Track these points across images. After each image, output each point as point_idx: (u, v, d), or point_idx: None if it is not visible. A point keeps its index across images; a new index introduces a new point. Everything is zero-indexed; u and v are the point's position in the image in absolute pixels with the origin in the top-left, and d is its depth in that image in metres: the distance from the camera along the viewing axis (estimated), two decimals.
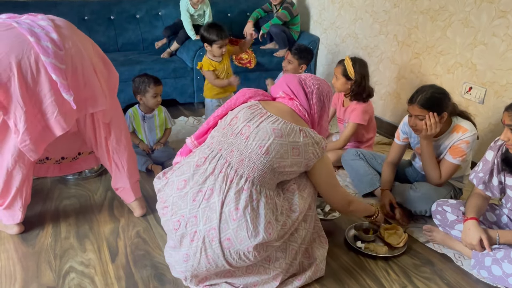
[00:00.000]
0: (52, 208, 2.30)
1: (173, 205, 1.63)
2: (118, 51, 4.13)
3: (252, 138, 1.57)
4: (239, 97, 1.75)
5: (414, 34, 3.21)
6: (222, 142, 1.63)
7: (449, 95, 2.16)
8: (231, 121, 1.65)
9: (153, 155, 2.83)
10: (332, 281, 1.84)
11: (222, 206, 1.54)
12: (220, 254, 1.54)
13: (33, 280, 1.78)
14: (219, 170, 1.59)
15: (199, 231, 1.56)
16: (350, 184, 2.65)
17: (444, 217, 2.03)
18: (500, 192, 1.95)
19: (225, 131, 1.65)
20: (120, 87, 3.55)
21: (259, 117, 1.62)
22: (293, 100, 1.72)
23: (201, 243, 1.56)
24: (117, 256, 1.94)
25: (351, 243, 2.07)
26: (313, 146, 1.62)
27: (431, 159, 2.20)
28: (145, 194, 2.47)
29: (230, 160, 1.59)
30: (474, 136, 2.14)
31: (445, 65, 2.99)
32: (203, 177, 1.60)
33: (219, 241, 1.53)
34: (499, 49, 2.61)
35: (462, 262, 1.97)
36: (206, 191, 1.58)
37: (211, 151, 1.65)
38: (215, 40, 3.09)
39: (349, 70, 2.72)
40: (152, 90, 2.70)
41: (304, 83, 1.75)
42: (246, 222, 1.52)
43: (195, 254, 1.58)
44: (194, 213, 1.57)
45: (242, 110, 1.67)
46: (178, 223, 1.60)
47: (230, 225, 1.53)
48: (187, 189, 1.61)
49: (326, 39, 4.28)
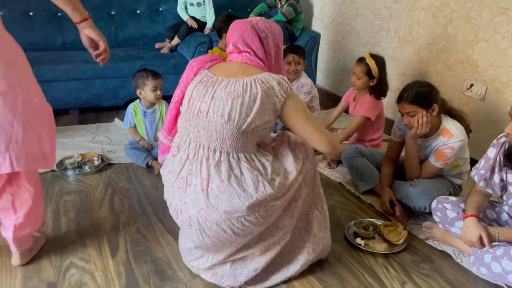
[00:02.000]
0: (52, 203, 2.31)
1: (168, 196, 1.72)
2: (118, 46, 4.12)
3: (212, 111, 1.56)
4: (189, 73, 1.70)
5: (415, 30, 3.21)
6: (188, 126, 1.65)
7: (435, 87, 2.19)
8: (189, 103, 1.64)
9: (153, 151, 2.83)
10: (331, 277, 1.84)
11: (207, 185, 1.57)
12: (218, 229, 1.58)
13: (33, 275, 1.78)
14: (192, 154, 1.62)
15: (192, 215, 1.60)
16: (350, 180, 2.65)
17: (444, 214, 2.03)
18: (501, 190, 1.95)
19: (187, 115, 1.65)
20: (120, 83, 3.62)
21: (212, 88, 1.59)
22: (242, 53, 1.66)
23: (197, 225, 1.60)
24: (117, 252, 1.95)
25: (351, 240, 2.07)
26: (274, 89, 1.56)
27: (414, 158, 2.27)
28: (145, 191, 2.47)
29: (199, 141, 1.61)
30: (461, 143, 2.15)
31: (446, 62, 2.99)
32: (180, 165, 1.65)
33: (213, 220, 1.56)
34: (500, 46, 2.60)
35: (462, 259, 1.98)
36: (187, 176, 1.62)
37: (180, 139, 1.68)
38: None
39: (373, 69, 2.67)
40: (150, 83, 2.69)
41: (257, 28, 1.66)
42: (235, 190, 1.55)
43: (198, 237, 1.64)
44: (184, 200, 1.62)
45: (194, 88, 1.64)
46: (175, 212, 1.68)
47: (222, 198, 1.55)
48: (172, 180, 1.67)
49: (327, 35, 4.27)
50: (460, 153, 2.19)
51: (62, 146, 2.96)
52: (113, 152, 2.93)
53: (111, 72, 3.56)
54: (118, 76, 3.59)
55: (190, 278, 1.80)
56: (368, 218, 2.26)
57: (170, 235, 2.07)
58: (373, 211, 2.37)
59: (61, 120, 3.49)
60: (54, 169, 2.64)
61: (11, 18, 3.72)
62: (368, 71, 2.70)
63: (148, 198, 2.39)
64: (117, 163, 2.79)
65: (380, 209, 2.37)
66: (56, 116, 3.57)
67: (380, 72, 2.70)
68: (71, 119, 3.54)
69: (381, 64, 2.71)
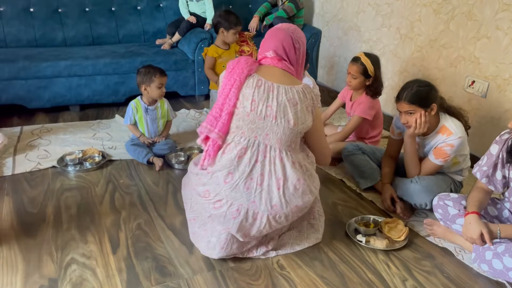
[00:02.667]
0: (53, 199, 2.31)
1: (228, 197, 1.73)
2: (119, 43, 4.11)
3: (279, 117, 1.72)
4: (241, 78, 1.75)
5: (417, 27, 3.20)
6: (254, 129, 1.73)
7: (435, 86, 2.18)
8: (251, 106, 1.73)
9: (154, 148, 2.83)
10: (332, 274, 1.84)
11: (284, 184, 1.73)
12: (283, 221, 1.80)
13: (34, 271, 1.78)
14: (262, 155, 1.74)
15: (261, 211, 1.73)
16: (351, 177, 2.65)
17: (446, 211, 2.03)
18: (503, 187, 1.94)
19: (251, 118, 1.73)
20: (121, 79, 3.62)
21: (271, 93, 1.73)
22: (282, 61, 1.81)
23: (265, 220, 1.75)
24: (118, 248, 1.95)
25: (351, 236, 2.07)
26: (312, 98, 1.80)
27: (413, 157, 2.27)
28: (146, 187, 2.47)
29: (269, 143, 1.74)
30: (460, 140, 2.14)
31: (447, 59, 2.98)
32: (250, 166, 1.72)
33: (283, 213, 1.76)
34: (502, 43, 2.59)
35: (463, 256, 1.98)
36: (257, 177, 1.73)
37: (247, 140, 1.74)
38: (233, 27, 3.09)
39: (369, 68, 2.66)
40: (157, 80, 2.70)
41: (294, 39, 1.83)
42: (307, 187, 1.79)
43: (258, 228, 1.76)
44: (252, 199, 1.72)
45: (253, 91, 1.74)
46: (237, 212, 1.73)
47: (296, 195, 1.76)
48: (236, 181, 1.72)
49: (328, 32, 4.26)
50: (459, 150, 2.19)
51: (63, 143, 2.96)
52: (114, 149, 2.92)
53: (112, 68, 3.56)
54: (119, 72, 3.59)
55: (191, 274, 1.80)
56: (369, 215, 2.26)
57: (171, 232, 2.07)
58: (374, 208, 2.37)
59: (62, 117, 3.49)
60: (55, 165, 2.64)
61: (12, 14, 3.72)
62: (364, 71, 2.68)
63: (149, 195, 2.39)
64: (118, 159, 2.79)
65: (381, 206, 2.37)
66: (57, 112, 3.63)
67: (376, 70, 2.69)
68: (72, 115, 3.53)
69: (376, 62, 2.70)
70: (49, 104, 3.49)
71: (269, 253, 1.93)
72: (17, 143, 2.93)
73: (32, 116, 3.45)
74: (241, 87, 1.75)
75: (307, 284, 1.77)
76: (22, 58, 3.37)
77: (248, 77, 1.76)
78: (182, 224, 2.13)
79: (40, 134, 3.09)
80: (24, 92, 3.38)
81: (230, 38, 3.15)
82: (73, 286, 1.71)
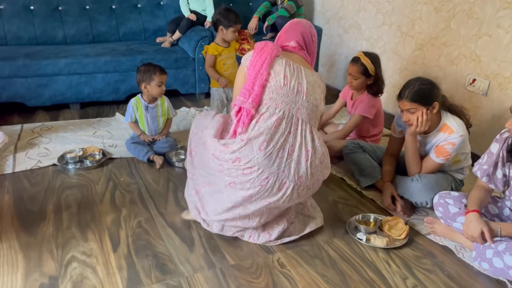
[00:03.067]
0: (53, 198, 2.31)
1: (260, 165, 1.80)
2: (119, 40, 4.11)
3: (309, 94, 1.89)
4: (271, 56, 1.89)
5: (417, 25, 3.19)
6: (287, 102, 1.86)
7: (437, 85, 2.18)
8: (284, 81, 1.86)
9: (155, 146, 2.82)
10: (333, 272, 1.84)
11: (311, 156, 1.85)
12: (304, 194, 1.92)
13: (35, 269, 1.78)
14: (294, 128, 1.85)
15: (289, 182, 1.83)
16: (352, 176, 2.64)
17: (446, 210, 2.03)
18: (503, 185, 1.94)
19: (284, 91, 1.86)
20: (122, 77, 3.61)
21: (300, 72, 1.90)
22: (302, 51, 2.02)
23: (290, 190, 1.84)
24: (118, 246, 1.95)
25: (352, 234, 2.07)
26: (325, 87, 2.02)
27: (414, 155, 2.27)
28: (147, 185, 2.47)
29: (301, 117, 1.87)
30: (461, 138, 2.14)
31: (448, 57, 2.97)
32: (283, 137, 1.83)
33: (306, 186, 1.88)
34: (503, 41, 2.59)
35: (463, 254, 1.97)
36: (288, 147, 1.83)
37: (282, 112, 1.84)
38: (232, 25, 3.09)
39: (370, 68, 2.64)
40: (157, 79, 2.70)
41: (311, 33, 2.07)
42: (328, 162, 1.94)
43: (278, 199, 1.85)
44: (282, 168, 1.82)
45: (284, 68, 1.89)
46: (266, 180, 1.81)
47: (319, 168, 1.89)
48: (270, 149, 1.80)
49: (329, 30, 4.25)
50: (461, 148, 2.18)
51: (63, 141, 2.96)
52: (114, 147, 2.92)
53: (112, 66, 3.55)
54: (119, 70, 3.59)
55: (192, 272, 1.80)
56: (370, 213, 2.26)
57: (171, 229, 2.07)
58: (375, 206, 2.37)
59: (63, 115, 3.49)
60: (56, 163, 2.64)
61: (12, 12, 3.71)
62: (364, 71, 2.66)
63: (149, 193, 2.39)
64: (118, 157, 2.79)
65: (381, 204, 2.37)
66: (58, 111, 3.63)
67: (376, 69, 2.67)
68: (72, 113, 3.53)
69: (376, 61, 2.67)
70: (49, 102, 3.49)
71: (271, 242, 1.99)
72: (18, 141, 2.92)
73: (33, 114, 3.45)
74: (271, 63, 1.88)
75: (307, 282, 1.78)
76: (23, 56, 3.37)
77: (276, 57, 1.91)
78: (183, 222, 2.13)
79: (40, 132, 3.09)
80: (24, 90, 3.38)
81: (229, 36, 3.15)
82: (74, 284, 1.71)
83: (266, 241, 1.98)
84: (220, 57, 3.20)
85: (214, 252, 1.93)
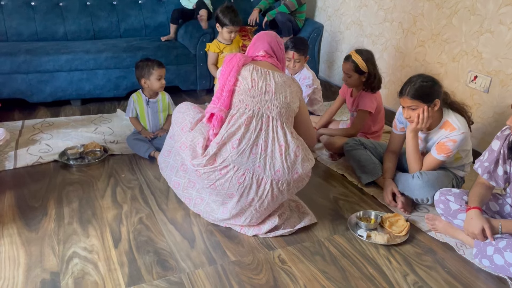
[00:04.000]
0: (55, 193, 2.31)
1: (235, 162, 1.87)
2: (120, 37, 4.10)
3: (278, 93, 1.95)
4: (239, 65, 1.99)
5: (419, 21, 3.18)
6: (256, 101, 1.93)
7: (439, 82, 2.17)
8: (252, 83, 1.94)
9: (156, 142, 2.82)
10: (334, 268, 1.84)
11: (286, 150, 1.90)
12: (285, 190, 1.93)
13: (36, 265, 1.79)
14: (266, 124, 1.91)
15: (266, 177, 1.88)
16: (352, 172, 2.64)
17: (447, 207, 2.03)
18: (504, 182, 1.94)
19: (253, 92, 1.93)
20: (123, 74, 3.61)
21: (268, 75, 1.97)
22: (272, 58, 2.09)
23: (268, 186, 1.89)
24: (120, 242, 1.95)
25: (353, 231, 2.07)
26: (299, 86, 2.08)
27: (415, 152, 2.26)
28: (148, 181, 2.47)
29: (271, 114, 1.93)
30: (462, 136, 2.13)
31: (450, 53, 2.97)
32: (255, 134, 1.89)
33: (285, 180, 1.90)
34: (505, 37, 2.58)
35: (464, 251, 1.98)
36: (261, 143, 1.89)
37: (252, 111, 1.91)
38: (227, 25, 3.09)
39: (361, 65, 2.65)
40: (156, 72, 2.70)
41: (278, 41, 2.15)
42: (306, 156, 1.97)
43: (260, 196, 1.91)
44: (257, 164, 1.88)
45: (251, 73, 1.97)
46: (243, 177, 1.88)
47: (297, 161, 1.92)
48: (242, 146, 1.87)
49: (330, 26, 4.24)
50: (462, 145, 2.18)
51: (64, 137, 2.96)
52: (115, 143, 2.92)
53: (113, 62, 3.55)
54: (120, 66, 3.58)
55: (193, 268, 1.80)
56: (371, 210, 2.26)
57: (173, 226, 2.08)
58: (376, 203, 2.37)
59: (63, 111, 3.49)
60: (57, 159, 2.64)
61: (13, 7, 3.71)
62: (356, 68, 2.67)
63: (151, 189, 2.39)
64: (119, 153, 2.79)
65: (382, 201, 2.37)
66: (58, 107, 3.63)
67: (369, 66, 2.67)
68: (73, 109, 3.53)
69: (368, 58, 2.67)
70: (50, 98, 3.49)
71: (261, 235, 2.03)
72: (19, 137, 2.93)
73: (34, 110, 3.45)
74: (239, 71, 1.98)
75: (308, 279, 1.78)
76: (23, 52, 3.36)
77: (244, 65, 2.01)
78: (184, 218, 2.14)
79: (41, 128, 3.09)
80: (25, 86, 3.38)
81: (224, 35, 3.14)
82: (75, 279, 1.72)
83: (256, 233, 2.03)
84: (222, 55, 3.20)
85: (215, 249, 1.94)
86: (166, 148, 2.22)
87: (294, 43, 3.03)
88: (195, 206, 2.10)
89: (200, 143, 1.91)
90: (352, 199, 2.40)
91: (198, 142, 1.92)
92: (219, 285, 1.72)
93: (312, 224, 2.13)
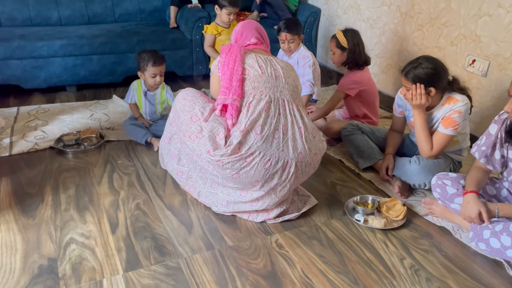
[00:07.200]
0: (51, 180, 2.30)
1: (260, 149, 1.88)
2: (115, 22, 4.05)
3: (286, 77, 1.99)
4: (241, 53, 1.98)
5: (417, 5, 3.15)
6: (270, 87, 1.94)
7: (443, 71, 2.11)
8: (261, 70, 1.95)
9: (153, 128, 2.81)
10: (331, 253, 1.85)
11: (305, 132, 1.94)
12: (307, 170, 2.00)
13: (34, 251, 1.79)
14: (283, 108, 1.94)
15: (290, 160, 1.92)
16: (350, 157, 2.64)
17: (444, 191, 2.03)
18: (501, 166, 1.94)
19: (264, 78, 1.94)
20: (118, 59, 3.57)
21: (271, 61, 2.00)
22: (262, 44, 2.14)
23: (293, 168, 1.93)
24: (117, 228, 1.95)
25: (350, 216, 2.08)
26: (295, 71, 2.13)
27: (423, 130, 2.19)
28: (144, 168, 2.47)
29: (285, 98, 1.96)
30: (467, 106, 2.11)
31: (448, 37, 2.94)
32: (275, 119, 1.91)
33: (306, 161, 1.96)
34: (504, 21, 2.56)
35: (461, 235, 1.99)
36: (281, 127, 1.91)
37: (268, 96, 1.92)
38: (226, 6, 3.05)
39: (341, 40, 2.73)
40: (150, 70, 2.64)
41: (262, 28, 2.18)
42: (320, 136, 2.05)
43: (284, 180, 1.95)
44: (281, 148, 1.90)
45: (256, 60, 1.97)
46: (269, 162, 1.89)
47: (313, 142, 1.98)
48: (266, 132, 1.88)
49: (327, 10, 4.20)
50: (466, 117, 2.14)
51: (60, 123, 2.94)
52: (112, 129, 2.91)
53: (108, 48, 3.51)
54: (115, 52, 3.54)
55: (190, 253, 1.81)
56: (368, 194, 2.26)
57: (170, 211, 2.08)
58: (373, 188, 2.37)
59: (59, 97, 3.46)
60: (53, 146, 2.63)
61: None
62: (338, 44, 2.76)
63: (147, 175, 2.39)
64: (115, 140, 2.78)
65: (379, 186, 2.37)
66: (54, 93, 3.60)
67: (349, 41, 2.72)
68: (68, 96, 3.51)
69: (351, 35, 2.75)
70: (45, 84, 3.46)
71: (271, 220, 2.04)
72: (14, 123, 2.91)
73: (29, 97, 3.42)
74: (242, 59, 1.96)
75: (305, 263, 1.79)
76: (17, 38, 3.32)
77: (244, 54, 1.99)
78: (181, 204, 2.14)
79: (37, 115, 3.07)
80: (19, 72, 3.35)
81: (223, 17, 3.10)
82: (73, 265, 1.72)
83: (265, 219, 2.03)
84: (220, 37, 3.16)
85: (212, 234, 1.94)
86: (166, 135, 2.18)
87: (285, 24, 3.00)
88: (200, 195, 2.09)
89: (221, 133, 1.87)
90: (350, 184, 2.40)
91: (218, 132, 1.88)
92: (216, 270, 1.73)
93: (309, 209, 2.13)
